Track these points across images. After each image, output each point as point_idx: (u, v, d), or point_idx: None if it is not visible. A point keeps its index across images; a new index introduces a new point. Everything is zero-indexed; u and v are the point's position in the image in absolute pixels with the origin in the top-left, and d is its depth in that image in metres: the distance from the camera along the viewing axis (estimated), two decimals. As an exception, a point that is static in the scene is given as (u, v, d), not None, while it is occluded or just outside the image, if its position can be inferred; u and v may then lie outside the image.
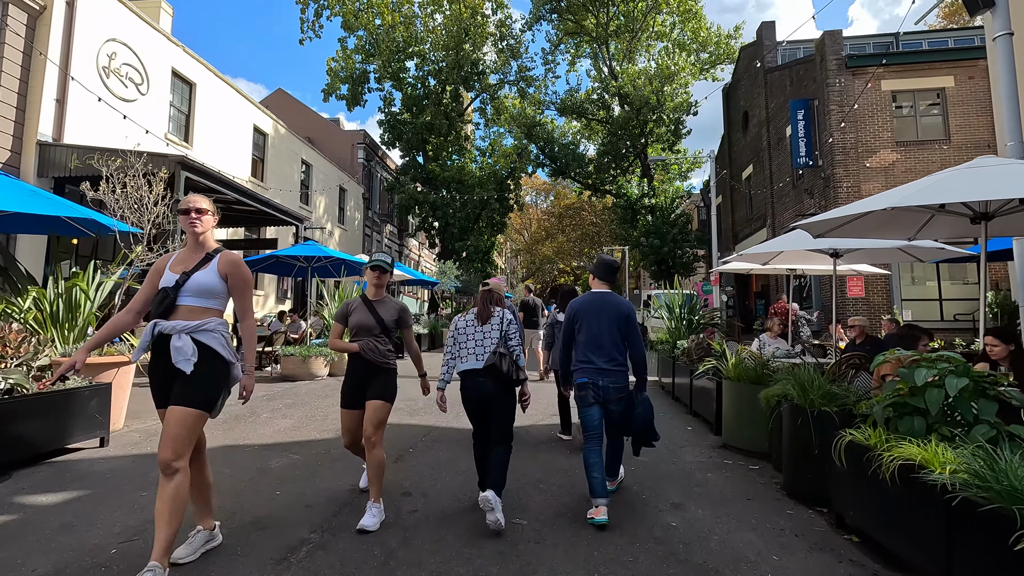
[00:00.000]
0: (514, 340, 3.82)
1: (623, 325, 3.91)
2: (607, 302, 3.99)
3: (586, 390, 3.87)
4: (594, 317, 3.94)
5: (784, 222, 21.52)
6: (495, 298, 3.97)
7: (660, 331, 11.68)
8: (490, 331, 3.82)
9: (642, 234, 26.81)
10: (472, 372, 3.76)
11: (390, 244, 30.03)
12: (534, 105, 28.55)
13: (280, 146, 19.38)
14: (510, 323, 3.86)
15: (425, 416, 7.05)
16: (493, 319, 3.85)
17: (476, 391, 3.73)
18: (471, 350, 3.80)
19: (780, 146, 21.74)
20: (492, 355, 3.68)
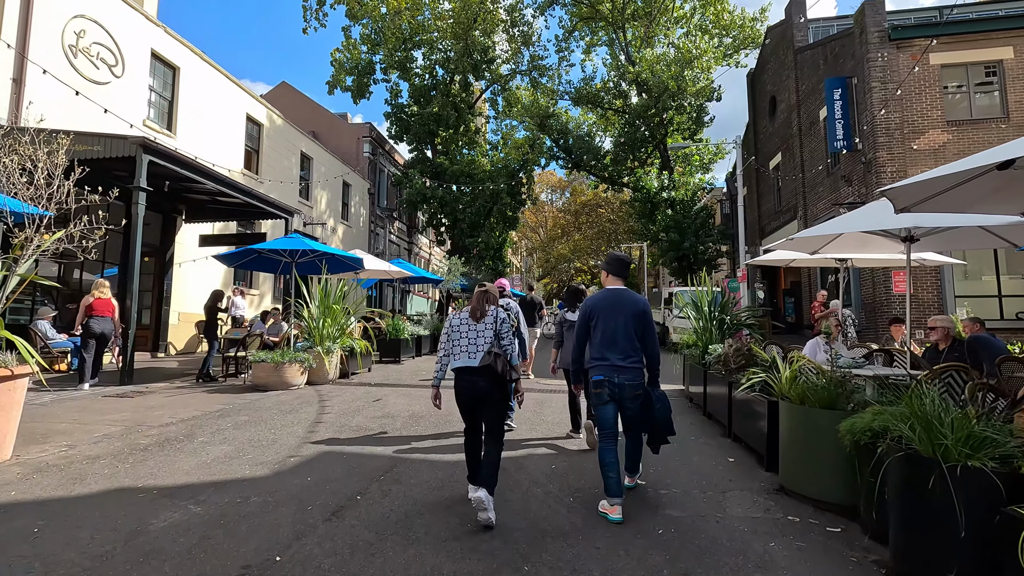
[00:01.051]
0: (506, 339, 3.80)
1: (639, 321, 3.83)
2: (622, 298, 3.90)
3: (601, 387, 3.80)
4: (610, 314, 3.85)
5: (817, 213, 19.73)
6: (490, 297, 3.96)
7: (686, 332, 10.15)
8: (484, 329, 3.80)
9: (661, 229, 25.15)
10: (466, 370, 3.72)
11: (398, 241, 28.78)
12: (547, 95, 27.04)
13: (277, 137, 18.19)
14: (503, 322, 3.83)
15: (394, 443, 5.63)
16: (487, 317, 3.83)
17: (470, 389, 3.72)
18: (464, 347, 3.77)
19: (813, 131, 19.94)
20: (487, 355, 3.66)
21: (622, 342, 3.79)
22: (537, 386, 9.48)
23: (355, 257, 11.75)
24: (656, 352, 3.91)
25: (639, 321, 3.84)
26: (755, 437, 5.21)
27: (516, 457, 4.92)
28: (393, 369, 11.79)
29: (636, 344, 3.82)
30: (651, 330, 3.88)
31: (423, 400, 7.94)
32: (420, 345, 14.32)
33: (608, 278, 4.06)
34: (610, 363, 3.78)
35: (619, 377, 3.75)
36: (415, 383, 9.78)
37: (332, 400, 7.92)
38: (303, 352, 9.13)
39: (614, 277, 4.04)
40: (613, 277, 4.04)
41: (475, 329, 3.81)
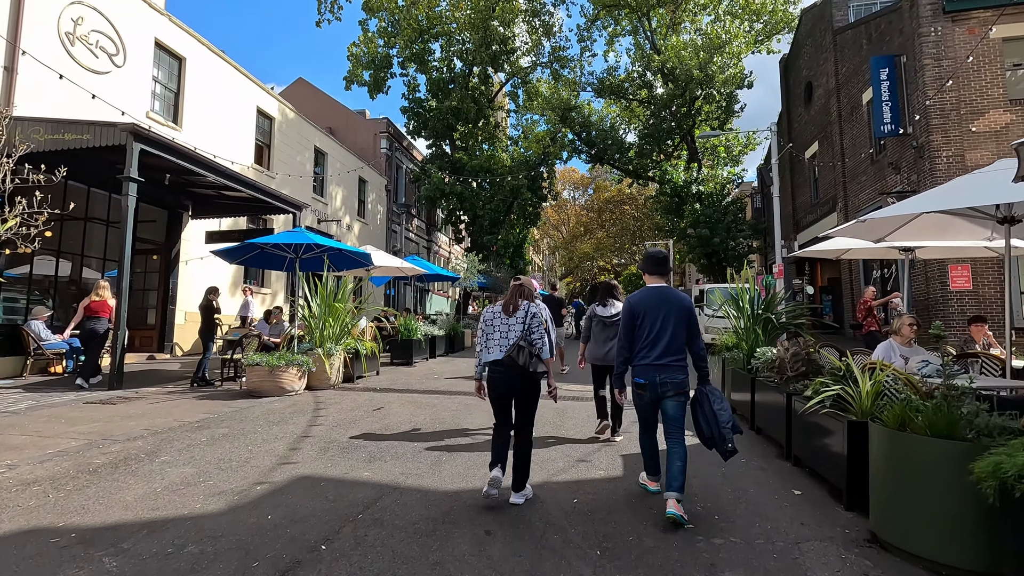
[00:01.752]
0: (536, 333, 3.79)
1: (684, 319, 3.73)
2: (668, 296, 3.81)
3: (644, 389, 3.74)
4: (655, 312, 3.73)
5: (859, 205, 18.32)
6: (525, 291, 3.96)
7: (724, 333, 9.08)
8: (515, 323, 3.82)
9: (689, 224, 23.90)
10: (496, 363, 3.75)
11: (417, 239, 28.06)
12: (569, 87, 26.00)
13: (289, 132, 17.56)
14: (533, 316, 3.83)
15: (386, 464, 4.74)
16: (519, 312, 3.84)
17: (500, 381, 3.75)
18: (496, 341, 3.81)
19: (855, 116, 18.53)
20: (512, 347, 3.67)
21: (666, 341, 3.68)
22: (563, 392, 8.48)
23: (363, 252, 10.94)
24: (703, 349, 3.81)
25: (684, 319, 3.73)
26: (827, 464, 4.16)
27: (532, 484, 3.99)
28: (403, 373, 10.95)
29: (681, 343, 3.72)
30: (696, 328, 3.77)
31: (429, 410, 7.06)
32: (434, 346, 13.48)
33: (648, 277, 3.95)
34: (652, 363, 3.69)
35: (661, 376, 3.65)
36: (424, 389, 8.91)
37: (328, 409, 7.09)
38: (302, 355, 8.33)
39: (654, 276, 3.92)
40: (653, 276, 3.93)
41: (507, 323, 3.83)
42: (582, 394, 8.12)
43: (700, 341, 3.81)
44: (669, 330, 3.69)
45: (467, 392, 8.57)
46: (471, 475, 4.40)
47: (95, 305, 8.71)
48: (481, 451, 5.03)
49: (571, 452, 5.18)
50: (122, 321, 8.36)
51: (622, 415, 5.66)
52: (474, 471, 4.49)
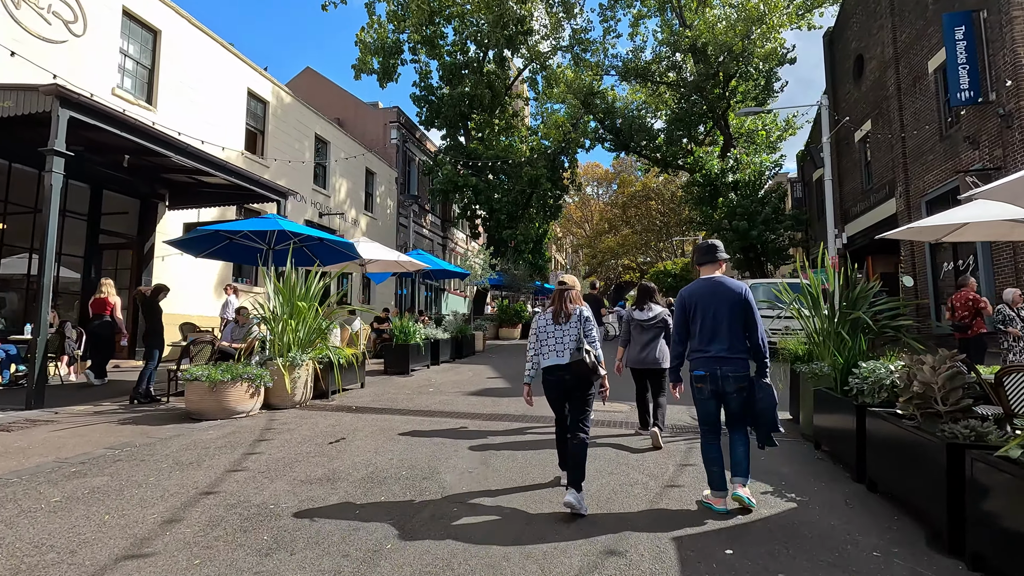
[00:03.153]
0: (591, 336, 3.78)
1: (741, 309, 3.57)
2: (722, 286, 3.67)
3: (703, 382, 3.62)
4: (709, 303, 3.64)
5: (925, 187, 15.93)
6: (572, 296, 3.91)
7: (793, 338, 7.08)
8: (569, 328, 3.79)
9: (724, 216, 21.68)
10: (555, 367, 3.74)
11: (431, 236, 26.39)
12: (591, 70, 23.99)
13: (286, 118, 16.02)
14: (587, 320, 3.82)
15: (291, 553, 2.93)
16: (571, 318, 3.81)
17: (558, 384, 3.76)
18: (552, 347, 3.80)
19: (918, 87, 16.14)
20: (576, 351, 3.67)
21: (724, 332, 3.56)
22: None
23: (346, 243, 9.23)
24: (763, 340, 3.58)
25: (741, 308, 3.57)
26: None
27: None
28: (393, 385, 9.18)
29: (740, 334, 3.57)
30: (755, 317, 3.57)
31: (402, 445, 5.25)
32: (437, 352, 11.68)
33: (702, 268, 3.83)
34: (712, 355, 3.57)
35: (722, 369, 3.53)
36: (409, 409, 7.11)
37: (273, 441, 5.34)
38: (256, 367, 6.62)
39: (707, 266, 3.79)
40: (706, 267, 3.80)
41: (561, 329, 3.82)
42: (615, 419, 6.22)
43: (760, 331, 3.57)
44: (725, 321, 3.56)
45: (463, 414, 6.76)
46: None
47: (95, 303, 8.17)
48: (460, 540, 3.17)
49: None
50: (42, 324, 6.76)
51: (665, 413, 5.57)
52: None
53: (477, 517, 3.46)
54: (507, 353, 14.96)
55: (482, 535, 3.18)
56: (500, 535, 3.19)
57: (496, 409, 7.07)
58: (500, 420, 6.42)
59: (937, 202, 15.54)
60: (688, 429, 6.05)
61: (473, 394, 8.19)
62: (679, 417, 6.62)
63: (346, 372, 8.10)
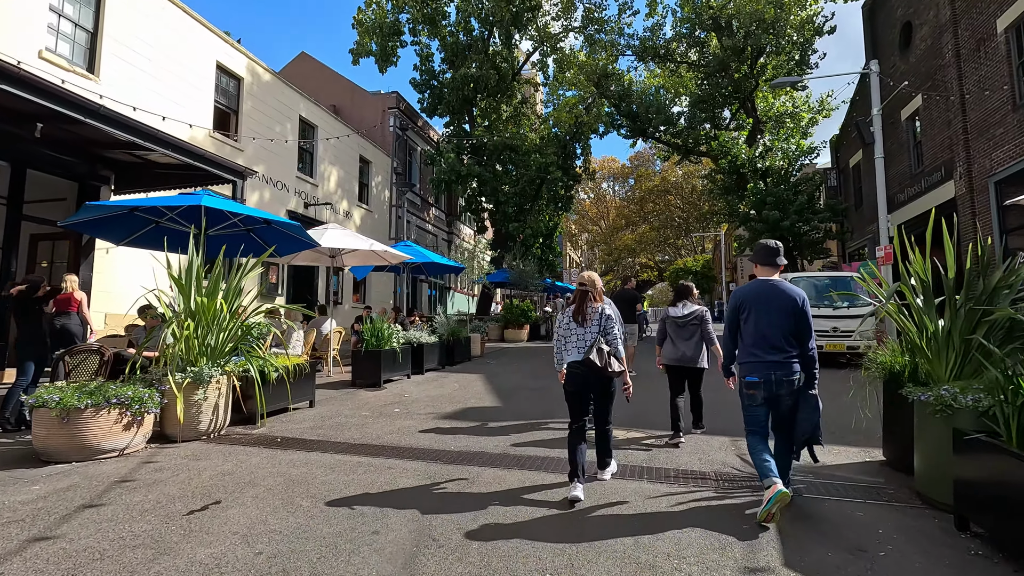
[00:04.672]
0: (611, 334, 3.80)
1: (795, 315, 3.47)
2: (779, 291, 3.51)
3: (756, 388, 3.48)
4: (763, 306, 3.51)
5: (993, 166, 13.59)
6: (593, 295, 3.90)
7: (885, 350, 5.04)
8: (591, 328, 3.82)
9: (753, 206, 19.47)
10: (574, 363, 3.78)
11: (435, 231, 24.54)
12: (605, 50, 21.92)
13: (264, 97, 14.29)
14: (608, 318, 3.84)
15: None
16: (593, 318, 3.82)
17: (577, 379, 3.80)
18: (573, 344, 3.84)
19: (983, 51, 13.82)
20: (590, 348, 3.69)
21: (777, 337, 3.43)
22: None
23: (293, 224, 7.36)
24: (814, 351, 3.50)
25: (796, 314, 3.46)
26: None
27: None
28: (355, 402, 7.29)
29: (791, 339, 3.45)
30: (808, 325, 3.47)
31: (304, 518, 3.34)
32: (421, 358, 9.77)
33: (759, 268, 3.67)
34: (766, 360, 3.42)
35: (776, 374, 3.41)
36: (355, 442, 5.22)
37: (108, 507, 3.47)
38: (139, 386, 4.78)
39: (765, 267, 3.63)
40: (764, 267, 3.64)
41: (583, 328, 3.83)
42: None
43: (812, 341, 3.48)
44: (778, 325, 3.45)
45: (422, 452, 4.85)
46: None
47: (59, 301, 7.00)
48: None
49: None
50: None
51: (702, 410, 5.48)
52: None
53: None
54: (508, 359, 13.02)
55: None
56: None
57: (471, 444, 5.13)
58: (470, 463, 4.49)
59: (1010, 182, 13.21)
60: (740, 479, 4.06)
61: (448, 417, 6.27)
62: (724, 459, 4.63)
63: (294, 386, 6.24)
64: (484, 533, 3.10)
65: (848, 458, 4.77)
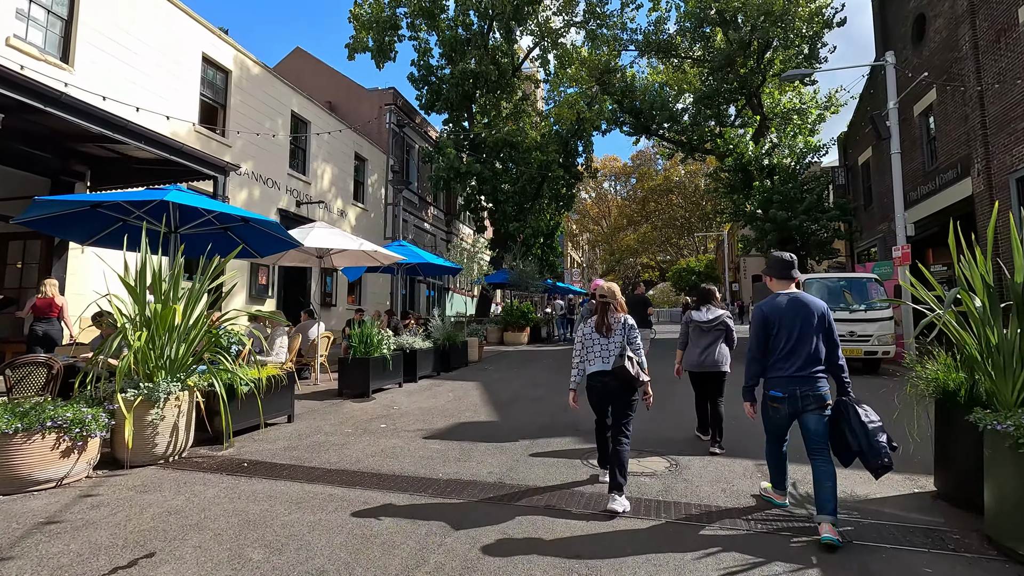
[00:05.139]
0: (635, 344, 3.83)
1: (822, 327, 3.37)
2: (803, 304, 3.41)
3: (780, 403, 3.38)
4: (793, 321, 3.38)
5: (1013, 163, 12.94)
6: (615, 305, 3.91)
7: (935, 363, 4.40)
8: (614, 338, 3.82)
9: (760, 204, 18.84)
10: (599, 373, 3.79)
11: (433, 231, 23.93)
12: (608, 45, 21.30)
13: (254, 91, 13.68)
14: (631, 328, 3.87)
15: None
16: (615, 329, 3.83)
17: (601, 389, 3.81)
18: (597, 354, 3.84)
19: (1004, 42, 13.18)
20: (620, 358, 3.67)
21: (805, 351, 3.33)
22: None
23: (270, 222, 6.75)
24: (843, 359, 3.41)
25: (822, 326, 3.37)
26: None
27: None
28: (339, 416, 6.68)
29: (820, 353, 3.36)
30: (835, 336, 3.38)
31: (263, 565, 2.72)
32: (414, 365, 9.15)
33: (774, 282, 3.59)
34: (791, 375, 3.32)
35: (802, 389, 3.30)
36: (332, 467, 4.62)
37: (10, 565, 2.86)
38: (81, 406, 4.16)
39: (782, 281, 3.55)
40: (780, 281, 3.56)
41: (605, 339, 3.83)
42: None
43: (839, 351, 3.38)
44: (808, 340, 3.34)
45: (408, 480, 4.24)
46: None
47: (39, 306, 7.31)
48: None
49: None
50: None
51: (722, 423, 5.05)
52: None
53: None
54: (508, 364, 12.40)
55: None
56: None
57: (463, 470, 4.51)
58: (459, 495, 3.87)
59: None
60: (775, 519, 3.43)
61: (439, 436, 5.65)
62: (750, 489, 4.00)
63: (268, 400, 5.64)
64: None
65: (893, 488, 4.15)
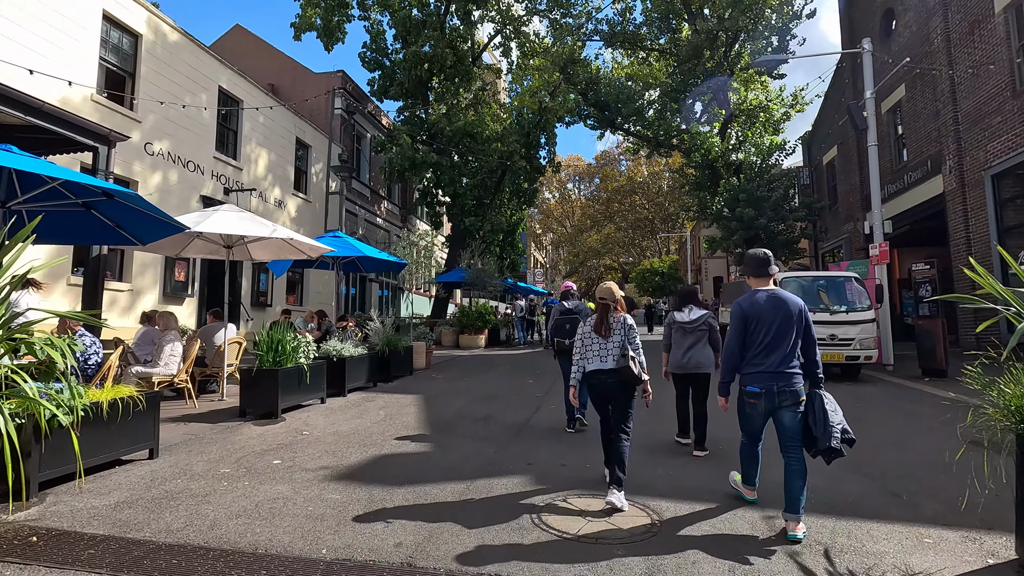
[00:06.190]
0: (635, 343, 3.86)
1: (800, 323, 3.39)
2: (782, 301, 3.43)
3: (757, 399, 3.38)
4: (771, 318, 3.39)
5: (988, 158, 12.38)
6: (616, 306, 3.96)
7: (1014, 385, 3.26)
8: (613, 338, 3.85)
9: (727, 203, 18.07)
10: (599, 372, 3.82)
11: (387, 226, 22.30)
12: (571, 34, 20.21)
13: (171, 60, 11.89)
14: (631, 328, 3.90)
15: None
16: (615, 330, 3.87)
17: (601, 388, 3.85)
18: (596, 352, 3.87)
19: (977, 35, 12.65)
20: (623, 358, 3.74)
21: (783, 347, 3.35)
22: None
23: (136, 197, 5.18)
24: (819, 356, 3.45)
25: (801, 324, 3.39)
26: None
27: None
28: (227, 447, 5.16)
29: (795, 349, 3.39)
30: (812, 333, 3.41)
31: None
32: (343, 376, 7.67)
33: (754, 281, 3.59)
34: (769, 371, 3.34)
35: (779, 385, 3.32)
36: (179, 539, 3.17)
37: None
38: None
39: (759, 278, 3.55)
40: (757, 279, 3.56)
41: (604, 339, 3.87)
42: None
43: (816, 348, 3.42)
44: (785, 336, 3.36)
45: (290, 563, 2.81)
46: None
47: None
48: None
49: None
50: None
51: (706, 425, 4.99)
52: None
53: None
54: (459, 371, 11.01)
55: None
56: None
57: (360, 540, 3.13)
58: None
59: (1008, 175, 12.05)
60: None
61: (346, 478, 4.24)
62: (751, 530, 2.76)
63: (120, 428, 4.13)
64: None
65: (953, 555, 2.99)
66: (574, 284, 7.00)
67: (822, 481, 4.15)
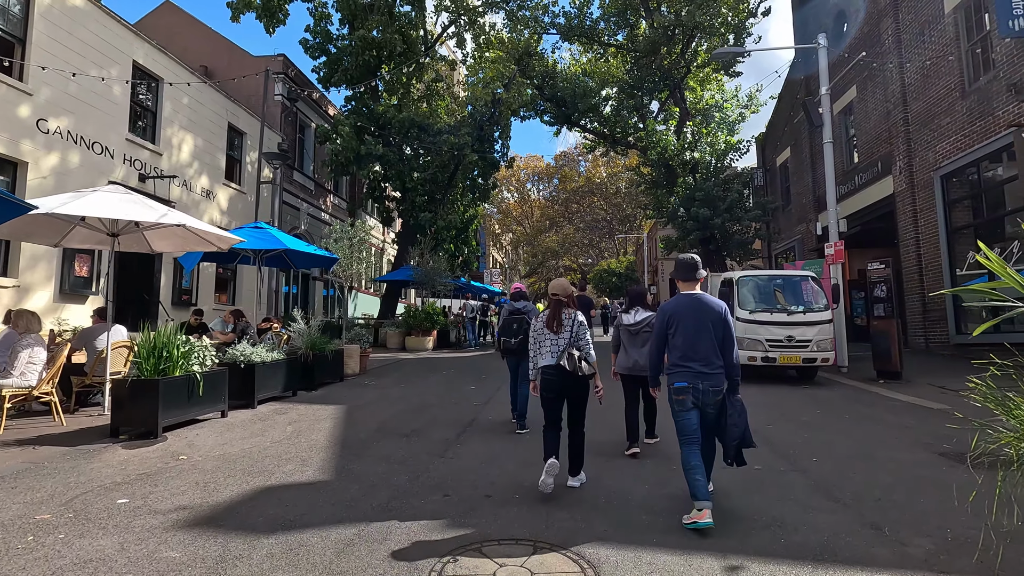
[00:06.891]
0: (583, 340, 3.91)
1: (719, 327, 3.53)
2: (704, 303, 3.58)
3: (684, 394, 3.49)
4: (690, 319, 3.54)
5: (937, 159, 12.31)
6: (569, 302, 4.03)
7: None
8: (563, 334, 3.94)
9: (682, 202, 17.73)
10: (550, 367, 3.89)
11: (333, 222, 21.04)
12: (528, 26, 19.52)
13: (72, 28, 10.49)
14: (580, 324, 3.95)
15: None
16: (565, 325, 3.93)
17: (552, 384, 3.90)
18: (548, 348, 3.95)
19: (929, 35, 12.58)
20: (562, 354, 3.82)
21: (704, 348, 3.49)
22: None
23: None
24: (737, 358, 3.56)
25: (719, 326, 3.52)
26: None
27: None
28: (71, 478, 4.11)
29: (717, 350, 3.50)
30: (731, 335, 3.54)
31: None
32: (252, 385, 6.65)
33: (682, 284, 3.73)
34: (693, 370, 3.48)
35: (703, 383, 3.46)
36: None
37: None
38: None
39: (687, 282, 3.69)
40: (685, 283, 3.71)
41: (555, 334, 3.95)
42: None
43: (735, 351, 3.53)
44: (704, 337, 3.49)
45: None
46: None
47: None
48: None
49: None
50: None
51: (656, 418, 5.22)
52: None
53: None
54: (398, 377, 10.05)
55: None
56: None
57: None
58: None
59: (957, 175, 12.01)
60: None
61: (203, 523, 3.30)
62: None
63: None
64: None
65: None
66: (524, 286, 7.05)
67: (789, 511, 3.49)
